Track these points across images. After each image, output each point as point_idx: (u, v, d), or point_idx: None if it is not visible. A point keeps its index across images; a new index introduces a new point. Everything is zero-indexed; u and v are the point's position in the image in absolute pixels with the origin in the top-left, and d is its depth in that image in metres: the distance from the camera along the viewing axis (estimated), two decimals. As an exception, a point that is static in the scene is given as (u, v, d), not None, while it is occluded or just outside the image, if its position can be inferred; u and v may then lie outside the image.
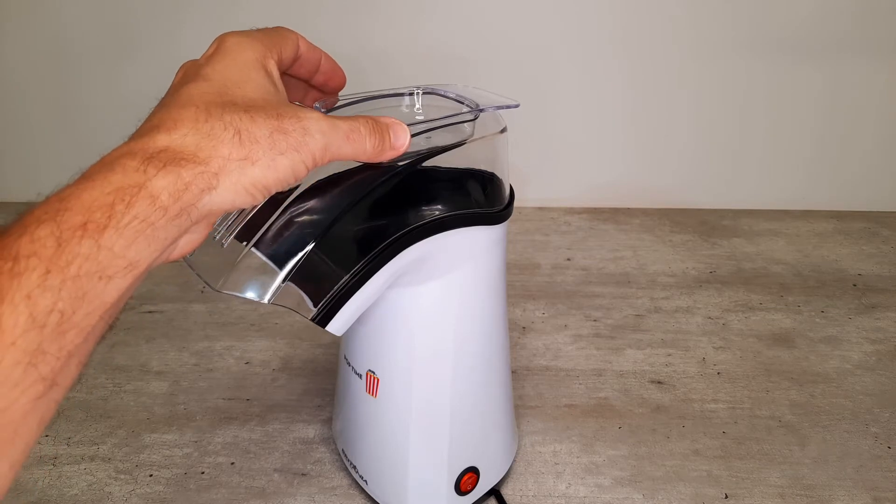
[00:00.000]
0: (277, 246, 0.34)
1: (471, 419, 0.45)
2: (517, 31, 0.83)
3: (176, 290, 0.76)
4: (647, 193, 0.94)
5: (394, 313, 0.41)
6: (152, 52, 0.85)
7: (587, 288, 0.77)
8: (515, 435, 0.53)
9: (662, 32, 0.82)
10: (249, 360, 0.65)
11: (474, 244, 0.40)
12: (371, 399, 0.44)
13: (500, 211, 0.41)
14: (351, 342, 0.45)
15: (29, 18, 0.83)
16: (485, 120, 0.41)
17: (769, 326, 0.70)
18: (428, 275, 0.39)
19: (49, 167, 0.94)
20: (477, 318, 0.43)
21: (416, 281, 0.39)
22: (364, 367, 0.44)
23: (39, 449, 0.55)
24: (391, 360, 0.43)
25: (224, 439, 0.56)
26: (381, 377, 0.43)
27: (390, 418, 0.44)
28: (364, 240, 0.36)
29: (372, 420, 0.45)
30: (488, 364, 0.45)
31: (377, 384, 0.44)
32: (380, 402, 0.44)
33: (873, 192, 0.93)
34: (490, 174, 0.41)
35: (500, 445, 0.49)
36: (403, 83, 0.45)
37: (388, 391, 0.43)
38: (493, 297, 0.44)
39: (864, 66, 0.83)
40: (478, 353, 0.44)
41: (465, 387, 0.44)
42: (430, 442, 0.44)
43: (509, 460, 0.51)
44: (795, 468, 0.53)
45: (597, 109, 0.88)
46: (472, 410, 0.45)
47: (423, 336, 0.42)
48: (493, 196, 0.41)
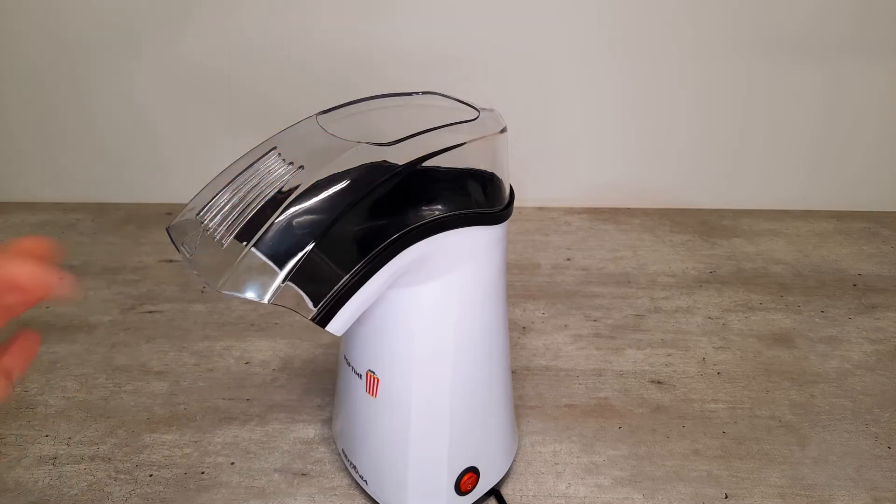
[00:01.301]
0: (277, 246, 0.34)
1: (471, 419, 0.45)
2: (517, 32, 0.82)
3: (176, 290, 0.76)
4: (647, 193, 0.94)
5: (394, 313, 0.41)
6: (155, 52, 0.85)
7: (587, 288, 0.77)
8: (515, 435, 0.53)
9: (662, 32, 0.82)
10: (249, 360, 0.65)
11: (474, 244, 0.40)
12: (371, 399, 0.44)
13: (500, 211, 0.41)
14: (351, 342, 0.45)
15: (33, 19, 0.83)
16: (484, 120, 0.41)
17: (769, 326, 0.70)
18: (428, 275, 0.39)
19: (50, 167, 0.94)
20: (477, 318, 0.43)
21: (417, 281, 0.39)
22: (364, 367, 0.44)
23: (39, 449, 0.55)
24: (391, 360, 0.43)
25: (224, 439, 0.56)
26: (381, 377, 0.43)
27: (390, 418, 0.44)
28: (364, 240, 0.36)
29: (372, 420, 0.45)
30: (488, 364, 0.45)
31: (377, 384, 0.44)
32: (380, 401, 0.44)
33: (873, 192, 0.93)
34: (490, 174, 0.41)
35: (500, 445, 0.49)
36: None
37: (388, 391, 0.43)
38: (494, 297, 0.44)
39: (864, 66, 0.83)
40: (478, 352, 0.44)
41: (465, 387, 0.44)
42: (430, 442, 0.44)
43: (509, 460, 0.51)
44: (795, 468, 0.53)
45: (597, 109, 0.88)
46: (473, 410, 0.45)
47: (423, 336, 0.42)
48: (493, 196, 0.41)
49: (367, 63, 0.84)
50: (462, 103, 0.43)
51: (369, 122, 0.43)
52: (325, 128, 0.40)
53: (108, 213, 0.93)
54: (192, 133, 0.90)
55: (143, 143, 0.91)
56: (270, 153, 0.39)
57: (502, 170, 0.41)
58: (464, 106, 0.43)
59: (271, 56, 0.84)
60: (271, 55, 0.84)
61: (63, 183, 0.95)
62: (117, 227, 0.90)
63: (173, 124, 0.90)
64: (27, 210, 0.93)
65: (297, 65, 0.84)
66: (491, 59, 0.84)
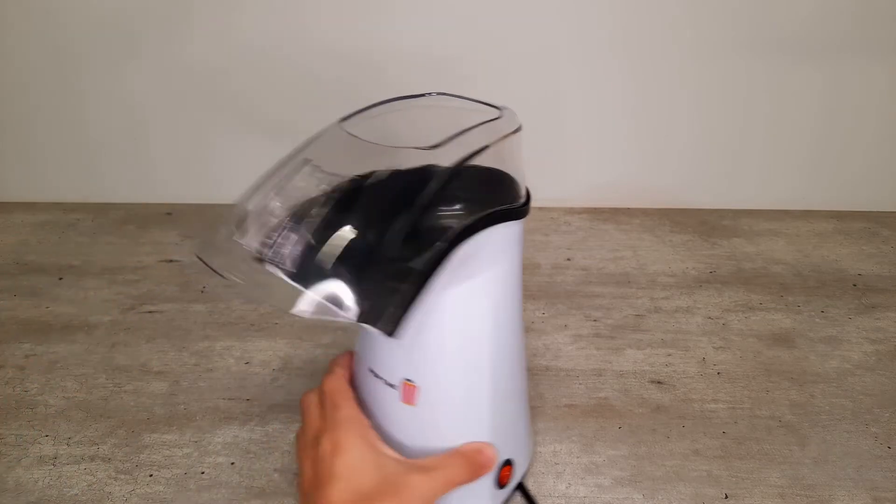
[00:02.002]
0: (349, 261, 0.34)
1: (506, 412, 0.46)
2: (517, 32, 0.82)
3: (176, 290, 0.76)
4: (647, 193, 0.94)
5: (432, 318, 0.41)
6: (154, 52, 0.85)
7: (587, 288, 0.77)
8: (532, 430, 0.53)
9: (662, 32, 0.82)
10: (249, 360, 0.65)
11: (506, 240, 0.41)
12: (408, 408, 0.43)
13: (524, 205, 0.42)
14: (380, 354, 0.44)
15: (32, 19, 0.83)
16: (507, 117, 0.42)
17: (769, 326, 0.70)
18: (466, 274, 0.39)
19: (50, 167, 0.94)
20: (509, 311, 0.44)
21: (455, 282, 0.39)
22: (398, 377, 0.43)
23: (39, 449, 0.55)
24: (430, 366, 0.42)
25: (224, 439, 0.56)
26: (419, 384, 0.42)
27: (431, 423, 0.43)
28: (425, 242, 0.36)
29: (410, 428, 0.44)
30: (518, 356, 0.46)
31: (415, 392, 0.43)
32: (418, 409, 0.43)
33: (873, 192, 0.93)
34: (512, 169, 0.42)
35: (526, 438, 0.50)
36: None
37: (428, 397, 0.42)
38: (518, 291, 0.45)
39: (865, 66, 0.83)
40: (510, 345, 0.45)
41: (501, 380, 0.44)
42: (474, 438, 0.44)
43: (531, 454, 0.52)
44: (795, 468, 0.53)
45: (597, 109, 0.88)
46: (507, 403, 0.46)
47: (461, 336, 0.42)
48: (517, 191, 0.42)
49: (367, 63, 0.84)
50: (479, 103, 0.44)
51: (398, 125, 0.44)
52: (357, 135, 0.39)
53: (108, 213, 0.93)
54: (192, 133, 0.90)
55: (143, 143, 0.91)
56: (306, 166, 0.38)
57: (520, 164, 0.42)
58: (481, 105, 0.44)
59: (271, 56, 0.84)
60: (271, 55, 0.84)
61: (63, 183, 0.95)
62: (117, 227, 0.90)
63: (173, 124, 0.90)
64: (27, 210, 0.93)
65: (297, 65, 0.84)
66: (490, 60, 0.84)
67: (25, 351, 0.66)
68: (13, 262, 0.81)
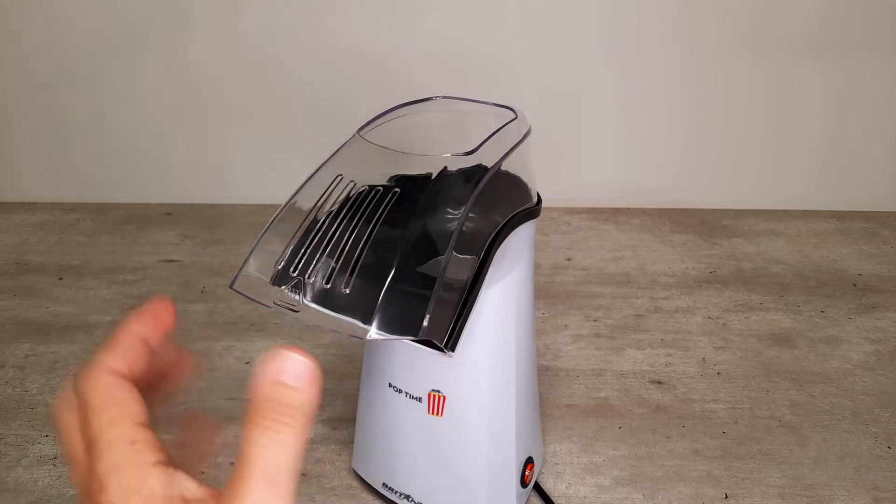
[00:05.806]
0: (412, 277, 0.33)
1: (526, 410, 0.46)
2: (516, 32, 0.82)
3: (176, 290, 0.76)
4: (647, 193, 0.94)
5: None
6: (156, 53, 0.85)
7: (587, 288, 0.77)
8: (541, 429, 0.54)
9: (662, 32, 0.82)
10: (249, 360, 0.65)
11: (525, 240, 0.42)
12: (435, 419, 0.43)
13: (537, 204, 0.43)
14: (401, 368, 0.43)
15: (32, 21, 0.83)
16: (522, 119, 0.43)
17: (769, 326, 0.70)
18: (494, 279, 0.39)
19: (50, 167, 0.94)
20: (527, 312, 0.44)
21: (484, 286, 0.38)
22: (424, 390, 0.42)
23: (39, 449, 0.55)
24: (459, 375, 0.42)
25: (224, 439, 0.56)
26: (447, 394, 0.42)
27: (460, 432, 0.43)
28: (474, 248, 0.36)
29: (438, 440, 0.44)
30: (533, 355, 0.47)
31: (443, 402, 0.42)
32: (446, 419, 0.42)
33: (873, 192, 0.93)
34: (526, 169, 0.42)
35: (539, 436, 0.51)
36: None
37: (456, 406, 0.42)
38: (532, 290, 0.45)
39: (865, 66, 0.83)
40: (528, 346, 0.45)
41: (523, 381, 0.45)
42: (502, 441, 0.44)
43: (542, 453, 0.52)
44: (795, 468, 0.53)
45: (597, 109, 0.88)
46: (527, 402, 0.46)
47: (489, 341, 0.41)
48: (530, 191, 0.42)
49: (373, 65, 0.84)
50: (490, 104, 0.44)
51: (422, 132, 0.44)
52: (384, 145, 0.39)
53: (108, 213, 0.93)
54: (192, 133, 0.90)
55: (142, 142, 0.91)
56: (339, 182, 0.37)
57: (531, 164, 0.43)
58: (493, 107, 0.44)
59: (271, 57, 0.84)
60: (271, 56, 0.84)
61: (63, 183, 0.95)
62: (117, 227, 0.90)
63: (173, 124, 0.90)
64: (27, 210, 0.93)
65: (297, 66, 0.84)
66: (489, 60, 0.84)
67: (25, 351, 0.66)
68: (13, 262, 0.81)
